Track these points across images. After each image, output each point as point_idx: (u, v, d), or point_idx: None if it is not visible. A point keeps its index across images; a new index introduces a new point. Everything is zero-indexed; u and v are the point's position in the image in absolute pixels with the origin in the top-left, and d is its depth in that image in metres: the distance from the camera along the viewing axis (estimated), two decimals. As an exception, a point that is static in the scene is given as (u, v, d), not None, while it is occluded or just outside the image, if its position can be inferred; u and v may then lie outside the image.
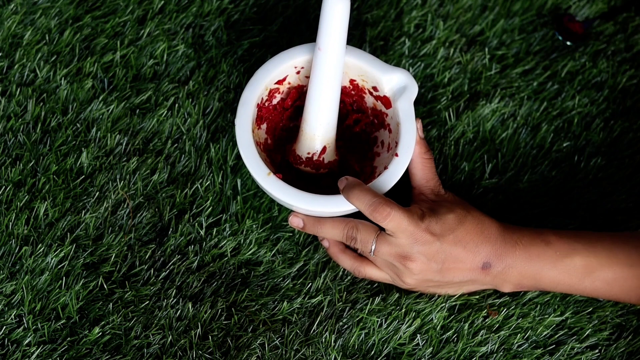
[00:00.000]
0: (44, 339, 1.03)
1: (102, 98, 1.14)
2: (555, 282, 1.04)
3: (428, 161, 1.06)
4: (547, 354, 1.07)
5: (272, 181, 1.02)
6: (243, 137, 1.04)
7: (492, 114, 1.18)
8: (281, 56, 1.07)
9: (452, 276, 1.03)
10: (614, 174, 1.16)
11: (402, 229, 1.01)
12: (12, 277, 1.05)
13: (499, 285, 1.05)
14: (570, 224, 1.12)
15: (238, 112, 1.04)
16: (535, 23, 1.23)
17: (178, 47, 1.17)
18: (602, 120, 1.19)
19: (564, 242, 1.03)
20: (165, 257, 1.08)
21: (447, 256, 1.02)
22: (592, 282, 1.03)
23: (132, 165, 1.11)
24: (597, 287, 1.04)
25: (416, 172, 1.06)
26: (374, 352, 1.06)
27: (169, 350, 1.04)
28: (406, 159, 1.04)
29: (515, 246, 1.03)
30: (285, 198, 1.02)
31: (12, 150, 1.10)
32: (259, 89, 1.06)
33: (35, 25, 1.16)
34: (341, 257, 1.07)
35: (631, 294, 1.04)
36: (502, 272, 1.04)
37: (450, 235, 1.02)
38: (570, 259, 1.03)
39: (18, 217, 1.07)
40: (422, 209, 1.02)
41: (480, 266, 1.03)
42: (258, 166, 1.03)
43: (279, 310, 1.07)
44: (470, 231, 1.02)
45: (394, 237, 1.01)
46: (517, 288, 1.05)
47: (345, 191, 1.01)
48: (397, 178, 1.04)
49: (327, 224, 1.04)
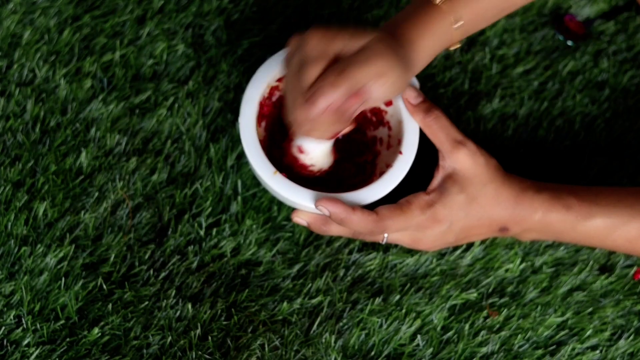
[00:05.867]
0: (43, 339, 1.03)
1: (101, 98, 1.13)
2: (575, 241, 1.06)
3: (434, 121, 1.04)
4: (548, 355, 1.07)
5: (279, 180, 1.02)
6: (248, 135, 1.03)
7: (493, 113, 1.18)
8: (283, 54, 1.07)
9: (468, 240, 1.06)
10: (615, 173, 1.16)
11: (405, 226, 1.02)
12: (11, 278, 1.05)
13: (518, 238, 1.08)
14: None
15: (242, 110, 1.04)
16: (536, 23, 1.23)
17: (178, 47, 1.17)
18: (603, 120, 1.19)
19: (585, 204, 1.04)
20: (164, 258, 1.08)
21: (461, 230, 1.04)
22: (613, 240, 1.04)
23: (131, 165, 1.11)
24: (618, 244, 1.05)
25: (430, 138, 1.05)
26: (374, 353, 1.06)
27: (168, 350, 1.04)
28: (410, 157, 1.04)
29: (534, 213, 1.04)
30: (293, 197, 1.02)
31: (11, 150, 1.10)
32: (261, 87, 1.05)
33: (35, 25, 1.16)
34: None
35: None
36: (521, 234, 1.06)
37: (461, 213, 1.03)
38: (592, 221, 1.03)
39: (17, 217, 1.07)
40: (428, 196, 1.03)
41: (497, 230, 1.05)
42: (264, 165, 1.02)
43: (279, 311, 1.07)
44: (485, 205, 1.03)
45: (404, 231, 1.04)
46: (537, 240, 1.09)
47: (337, 220, 1.01)
48: (401, 177, 1.04)
49: (333, 225, 1.04)
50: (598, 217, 1.03)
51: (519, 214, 1.04)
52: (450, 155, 1.03)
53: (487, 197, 1.03)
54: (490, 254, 1.11)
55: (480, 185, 1.03)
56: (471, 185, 1.03)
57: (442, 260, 1.10)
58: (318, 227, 1.04)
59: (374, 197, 1.03)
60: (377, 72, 0.96)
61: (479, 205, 1.03)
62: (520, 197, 1.03)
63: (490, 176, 1.03)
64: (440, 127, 1.03)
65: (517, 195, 1.03)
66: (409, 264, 1.10)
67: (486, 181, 1.03)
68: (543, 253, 1.12)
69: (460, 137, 1.03)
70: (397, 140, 1.06)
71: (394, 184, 1.03)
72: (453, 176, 1.03)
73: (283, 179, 1.02)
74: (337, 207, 1.00)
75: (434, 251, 1.10)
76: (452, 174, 1.03)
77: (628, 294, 1.11)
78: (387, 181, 1.03)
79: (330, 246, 1.10)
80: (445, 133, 1.03)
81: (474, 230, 1.04)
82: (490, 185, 1.03)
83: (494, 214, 1.03)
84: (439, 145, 1.04)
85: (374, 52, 0.96)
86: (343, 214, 1.00)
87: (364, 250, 1.10)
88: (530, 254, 1.11)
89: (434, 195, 1.03)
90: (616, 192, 1.04)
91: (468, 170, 1.03)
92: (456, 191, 1.03)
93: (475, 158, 1.03)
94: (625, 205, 1.03)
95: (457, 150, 1.03)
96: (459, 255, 1.11)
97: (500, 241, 1.11)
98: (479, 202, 1.03)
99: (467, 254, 1.11)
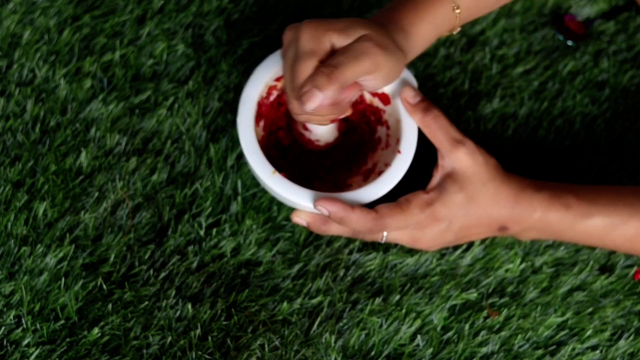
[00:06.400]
0: (43, 339, 1.03)
1: (101, 98, 1.13)
2: (574, 240, 1.06)
3: (433, 120, 1.04)
4: (548, 355, 1.07)
5: (278, 180, 1.02)
6: (246, 135, 1.03)
7: (493, 113, 1.18)
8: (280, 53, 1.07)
9: (467, 239, 1.06)
10: (615, 173, 1.16)
11: (405, 225, 1.02)
12: (11, 278, 1.05)
13: (517, 238, 1.08)
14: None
15: (239, 110, 1.04)
16: (536, 23, 1.23)
17: (177, 47, 1.17)
18: (603, 120, 1.18)
19: (584, 204, 1.03)
20: (164, 258, 1.08)
21: (460, 229, 1.04)
22: (612, 240, 1.04)
23: (131, 165, 1.11)
24: (618, 244, 1.05)
25: (429, 138, 1.05)
26: (374, 353, 1.06)
27: (168, 350, 1.04)
28: (409, 156, 1.04)
29: (533, 212, 1.04)
30: (292, 197, 1.02)
31: (11, 150, 1.10)
32: (260, 87, 1.05)
33: (34, 25, 1.16)
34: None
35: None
36: (520, 233, 1.06)
37: (459, 212, 1.03)
38: (591, 220, 1.03)
39: (17, 217, 1.07)
40: (427, 194, 1.03)
41: (496, 229, 1.05)
42: (263, 165, 1.03)
43: (279, 311, 1.07)
44: (484, 204, 1.03)
45: (404, 230, 1.04)
46: (536, 239, 1.09)
47: (336, 220, 1.01)
48: (400, 175, 1.04)
49: (333, 225, 1.04)
50: (597, 216, 1.03)
51: (518, 213, 1.03)
52: (450, 154, 1.03)
53: (486, 196, 1.03)
54: (490, 254, 1.11)
55: (479, 185, 1.03)
56: (470, 185, 1.03)
57: (442, 260, 1.10)
58: (317, 226, 1.04)
59: (373, 196, 1.03)
60: (366, 69, 0.97)
61: (478, 205, 1.03)
62: (520, 196, 1.03)
63: (490, 175, 1.03)
64: (439, 127, 1.03)
65: (517, 194, 1.03)
66: (409, 264, 1.10)
67: (485, 180, 1.03)
68: (543, 253, 1.11)
69: (459, 137, 1.03)
70: (395, 139, 1.06)
71: (392, 183, 1.03)
72: (452, 175, 1.03)
73: (282, 178, 1.02)
74: (336, 206, 1.01)
75: (434, 251, 1.10)
76: (452, 173, 1.03)
77: (628, 294, 1.11)
78: (386, 180, 1.03)
79: (330, 246, 1.10)
80: (444, 132, 1.03)
81: (473, 229, 1.04)
82: (490, 185, 1.03)
83: (493, 213, 1.03)
84: (438, 144, 1.04)
85: (363, 52, 0.97)
86: (342, 212, 1.00)
87: (364, 250, 1.10)
88: (530, 254, 1.11)
89: (433, 194, 1.03)
90: (615, 191, 1.04)
91: (467, 169, 1.03)
92: (455, 190, 1.03)
93: (475, 157, 1.03)
94: (625, 204, 1.03)
95: (456, 149, 1.03)
96: (459, 255, 1.11)
97: (501, 241, 1.11)
98: (478, 201, 1.03)
99: (467, 254, 1.11)
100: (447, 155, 1.03)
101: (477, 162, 1.03)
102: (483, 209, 1.03)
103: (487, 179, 1.03)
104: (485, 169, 1.03)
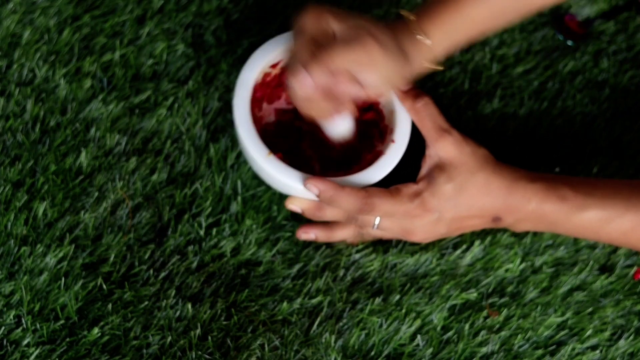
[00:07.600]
0: (43, 339, 1.03)
1: (101, 98, 1.13)
2: (569, 233, 1.04)
3: (423, 107, 1.04)
4: (548, 355, 1.07)
5: (273, 161, 1.02)
6: (241, 117, 1.04)
7: (493, 113, 1.18)
8: (277, 40, 1.07)
9: (461, 231, 1.05)
10: (615, 173, 1.16)
11: (393, 211, 1.02)
12: (11, 278, 1.05)
13: (512, 229, 1.06)
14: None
15: (236, 92, 1.04)
16: (536, 23, 1.23)
17: (177, 47, 1.17)
18: (603, 120, 1.18)
19: (580, 196, 1.02)
20: (164, 258, 1.08)
21: (452, 220, 1.03)
22: (607, 233, 1.03)
23: (131, 165, 1.11)
24: (613, 237, 1.03)
25: (417, 126, 1.05)
26: (374, 353, 1.06)
27: (168, 350, 1.04)
28: (403, 145, 1.04)
29: (528, 203, 1.02)
30: (286, 179, 1.02)
31: (11, 150, 1.10)
32: (256, 71, 1.06)
33: (34, 25, 1.16)
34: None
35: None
36: (514, 224, 1.04)
37: (450, 203, 1.02)
38: (586, 212, 1.02)
39: (17, 217, 1.07)
40: (416, 185, 1.03)
41: (490, 220, 1.04)
42: (258, 146, 1.03)
43: (279, 311, 1.07)
44: (475, 194, 1.02)
45: (393, 217, 1.03)
46: (531, 230, 1.07)
47: (326, 199, 1.01)
48: (393, 164, 1.04)
49: (327, 209, 1.04)
50: (593, 209, 1.02)
51: (511, 203, 1.02)
52: (435, 143, 1.03)
53: (476, 187, 1.02)
54: (490, 254, 1.11)
55: (468, 175, 1.02)
56: (459, 175, 1.02)
57: (442, 260, 1.10)
58: (312, 213, 1.04)
59: (365, 182, 1.03)
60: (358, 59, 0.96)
61: (468, 195, 1.02)
62: (513, 186, 1.02)
63: (479, 165, 1.02)
64: (428, 114, 1.03)
65: (510, 184, 1.02)
66: (408, 264, 1.10)
67: (475, 170, 1.02)
68: (543, 253, 1.11)
69: (446, 126, 1.03)
70: (390, 129, 1.07)
71: (387, 170, 1.04)
72: (440, 165, 1.02)
73: (277, 160, 1.02)
74: (326, 185, 1.01)
75: (433, 251, 1.10)
76: (439, 163, 1.03)
77: (628, 294, 1.11)
78: (380, 167, 1.04)
79: (330, 246, 1.10)
80: (432, 121, 1.03)
81: (466, 220, 1.04)
82: (480, 175, 1.02)
83: (485, 204, 1.02)
84: (425, 132, 1.03)
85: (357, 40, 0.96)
86: (331, 191, 1.00)
87: (364, 251, 1.10)
88: (530, 253, 1.11)
89: (422, 184, 1.03)
90: (611, 184, 1.03)
91: (453, 158, 1.02)
92: (444, 180, 1.02)
93: (461, 147, 1.02)
94: (621, 197, 1.02)
95: (442, 138, 1.02)
96: (459, 255, 1.11)
97: (501, 241, 1.11)
98: (468, 191, 1.02)
99: (467, 254, 1.11)
100: (432, 144, 1.03)
101: (463, 151, 1.02)
102: (474, 200, 1.02)
103: (476, 169, 1.02)
104: (474, 159, 1.02)
